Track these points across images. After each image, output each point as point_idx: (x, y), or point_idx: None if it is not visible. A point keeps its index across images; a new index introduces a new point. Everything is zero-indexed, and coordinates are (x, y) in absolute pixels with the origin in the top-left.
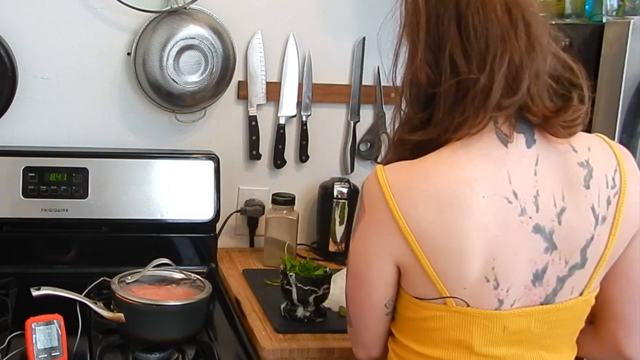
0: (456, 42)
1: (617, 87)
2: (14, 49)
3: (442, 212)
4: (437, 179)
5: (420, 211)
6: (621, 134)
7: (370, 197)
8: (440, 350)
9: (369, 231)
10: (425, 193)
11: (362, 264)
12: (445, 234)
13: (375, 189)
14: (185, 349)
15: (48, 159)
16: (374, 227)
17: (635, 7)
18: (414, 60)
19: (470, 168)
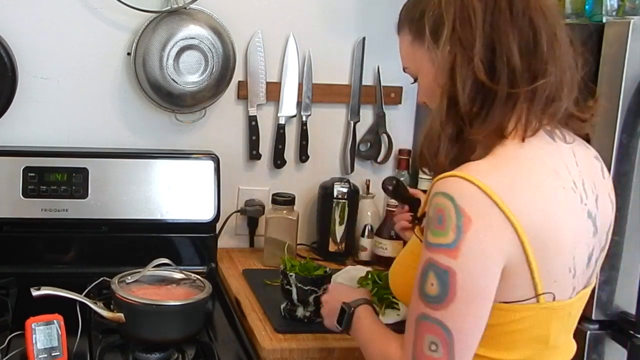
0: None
1: (617, 87)
2: (14, 49)
3: (544, 206)
4: (532, 174)
5: (529, 207)
6: (621, 134)
7: (475, 205)
8: (518, 352)
9: (484, 238)
10: (528, 189)
11: (480, 277)
12: (548, 227)
13: (478, 194)
14: (185, 349)
15: (48, 159)
16: (488, 233)
17: (635, 7)
18: (470, 60)
19: (548, 161)
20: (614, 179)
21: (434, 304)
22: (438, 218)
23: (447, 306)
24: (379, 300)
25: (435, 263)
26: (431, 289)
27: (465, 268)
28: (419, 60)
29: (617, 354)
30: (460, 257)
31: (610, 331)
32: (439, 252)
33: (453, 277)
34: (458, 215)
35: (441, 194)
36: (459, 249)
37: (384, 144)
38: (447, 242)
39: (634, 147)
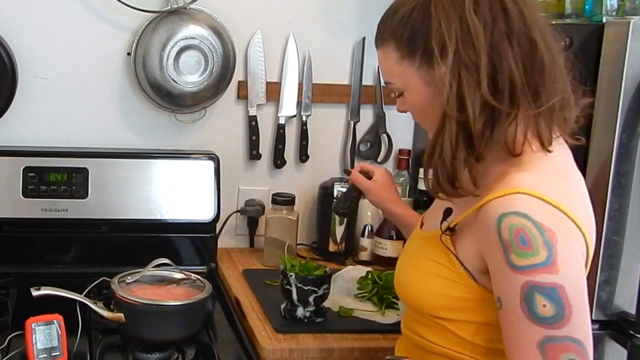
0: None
1: (617, 87)
2: (14, 49)
3: (589, 211)
4: (572, 182)
5: (583, 215)
6: (621, 134)
7: (550, 217)
8: None
9: (571, 246)
10: (577, 197)
11: (581, 282)
12: (592, 226)
13: (547, 207)
14: (185, 349)
15: (48, 159)
16: (572, 241)
17: (635, 7)
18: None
19: (572, 164)
20: (614, 179)
21: (556, 323)
22: (520, 239)
23: (569, 320)
24: (379, 300)
25: (537, 284)
26: (545, 310)
27: (569, 279)
28: (407, 78)
29: (617, 354)
30: (561, 271)
31: (610, 331)
32: (536, 272)
33: (563, 292)
34: (540, 230)
35: (512, 214)
36: (556, 263)
37: (384, 144)
38: (543, 260)
39: (634, 147)
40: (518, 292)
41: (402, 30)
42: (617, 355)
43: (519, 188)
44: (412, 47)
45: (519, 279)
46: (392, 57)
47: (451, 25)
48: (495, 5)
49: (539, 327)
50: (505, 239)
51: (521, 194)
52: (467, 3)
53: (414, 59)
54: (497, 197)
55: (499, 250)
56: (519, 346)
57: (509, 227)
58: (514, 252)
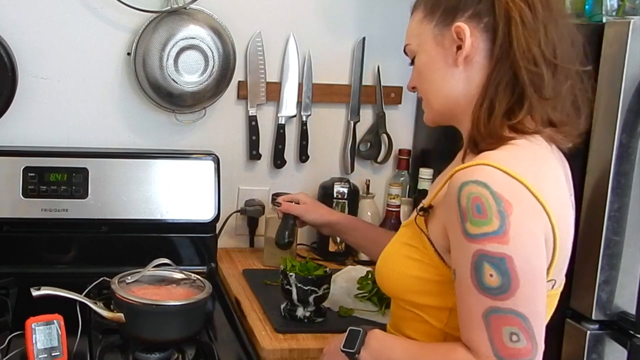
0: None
1: (617, 87)
2: (14, 49)
3: (561, 195)
4: (547, 165)
5: (552, 196)
6: (621, 134)
7: (511, 191)
8: None
9: (527, 220)
10: (548, 179)
11: (534, 257)
12: (565, 216)
13: (510, 181)
14: (185, 349)
15: (48, 159)
16: (529, 215)
17: (635, 7)
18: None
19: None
20: (614, 179)
21: (501, 295)
22: (476, 207)
23: (515, 293)
24: (379, 301)
25: (487, 253)
26: (491, 280)
27: (520, 251)
28: (422, 38)
29: (617, 354)
30: (511, 241)
31: (610, 331)
32: (487, 241)
33: (511, 263)
34: (497, 200)
35: (473, 182)
36: (507, 233)
37: (384, 144)
38: (494, 229)
39: (634, 147)
40: (469, 261)
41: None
42: (617, 355)
43: (486, 160)
44: (436, 5)
45: (471, 247)
46: (417, 16)
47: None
48: None
49: (485, 297)
50: (463, 207)
51: (486, 166)
52: None
53: (434, 17)
54: (463, 169)
55: (457, 219)
56: (467, 316)
57: (467, 195)
58: (469, 221)
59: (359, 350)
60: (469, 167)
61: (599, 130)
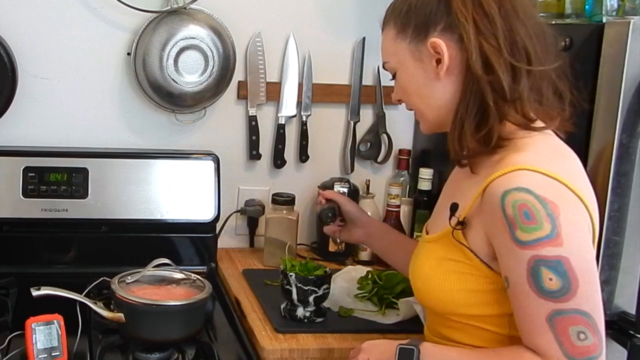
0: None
1: (617, 87)
2: (14, 49)
3: (590, 189)
4: (575, 163)
5: (587, 193)
6: (621, 134)
7: (554, 191)
8: None
9: (574, 217)
10: (581, 176)
11: (588, 253)
12: (595, 208)
13: (551, 182)
14: (185, 349)
15: (48, 159)
16: (575, 212)
17: (635, 7)
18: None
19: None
20: (614, 179)
21: (563, 297)
22: (524, 214)
23: (576, 292)
24: (379, 300)
25: (543, 258)
26: (551, 283)
27: (574, 250)
28: (400, 55)
29: (617, 354)
30: (565, 242)
31: (610, 331)
32: (541, 246)
33: (568, 264)
34: (543, 204)
35: (515, 190)
36: (560, 235)
37: (384, 144)
38: (547, 234)
39: (634, 147)
40: (525, 268)
41: (400, 6)
42: (617, 355)
43: (519, 165)
44: (406, 23)
45: (525, 254)
46: (390, 34)
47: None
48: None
49: (547, 301)
50: (510, 215)
51: (522, 170)
52: None
53: (406, 34)
54: (499, 177)
55: (505, 228)
56: (529, 322)
57: (512, 203)
58: (519, 228)
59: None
60: (505, 175)
61: (599, 130)
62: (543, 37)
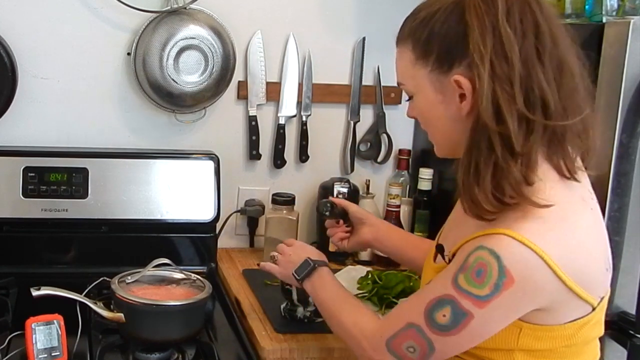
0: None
1: (617, 87)
2: (14, 49)
3: (584, 249)
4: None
5: (572, 257)
6: (621, 134)
7: (523, 267)
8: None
9: (521, 298)
10: (572, 241)
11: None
12: (586, 259)
13: (527, 256)
14: (185, 349)
15: (48, 159)
16: (527, 293)
17: (635, 7)
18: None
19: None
20: (614, 179)
21: (436, 329)
22: (477, 271)
23: (446, 336)
24: (379, 300)
25: (458, 304)
26: (442, 318)
27: (486, 318)
28: (418, 80)
29: (617, 354)
30: (487, 309)
31: (610, 331)
32: (466, 297)
33: (468, 320)
34: (500, 274)
35: (487, 250)
36: (489, 302)
37: (384, 144)
38: (479, 295)
39: (634, 147)
40: (437, 294)
41: (421, 31)
42: (617, 355)
43: (511, 231)
44: (428, 50)
45: (449, 289)
46: (407, 57)
47: (485, 34)
48: (526, 18)
49: (422, 317)
50: (468, 263)
51: (508, 237)
52: (500, 12)
53: (428, 61)
54: (489, 234)
55: (457, 265)
56: (398, 312)
57: (476, 258)
58: (464, 276)
59: (303, 279)
60: (494, 235)
61: (599, 130)
62: (571, 80)
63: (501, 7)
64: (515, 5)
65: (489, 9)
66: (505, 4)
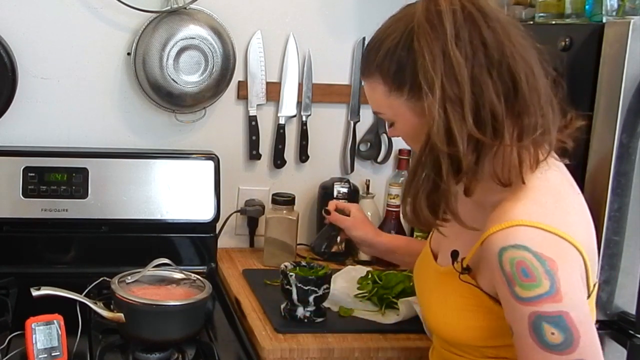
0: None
1: (617, 87)
2: (14, 49)
3: (585, 221)
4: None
5: (580, 230)
6: (621, 134)
7: (551, 246)
8: None
9: (571, 270)
10: (573, 214)
11: (584, 304)
12: (590, 235)
13: (548, 237)
14: (185, 349)
15: (48, 159)
16: (571, 265)
17: (635, 7)
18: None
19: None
20: (614, 179)
21: (567, 349)
22: (522, 271)
23: (579, 344)
24: (379, 300)
25: (543, 314)
26: (553, 338)
27: (574, 304)
28: (396, 109)
29: (617, 354)
30: (565, 297)
31: (610, 331)
32: (541, 302)
33: (569, 318)
34: (541, 260)
35: (512, 247)
36: (560, 290)
37: (384, 144)
38: (546, 290)
39: (634, 147)
40: (526, 322)
41: (388, 64)
42: (617, 355)
43: (516, 220)
44: (400, 81)
45: (525, 310)
46: (379, 89)
47: (435, 60)
48: (475, 38)
49: (551, 354)
50: (508, 272)
51: (519, 226)
52: (448, 37)
53: (402, 92)
54: (496, 232)
55: (504, 283)
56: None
57: (510, 261)
58: (518, 285)
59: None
60: (502, 231)
61: (599, 130)
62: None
63: (449, 31)
64: (463, 28)
65: (438, 35)
66: (454, 27)
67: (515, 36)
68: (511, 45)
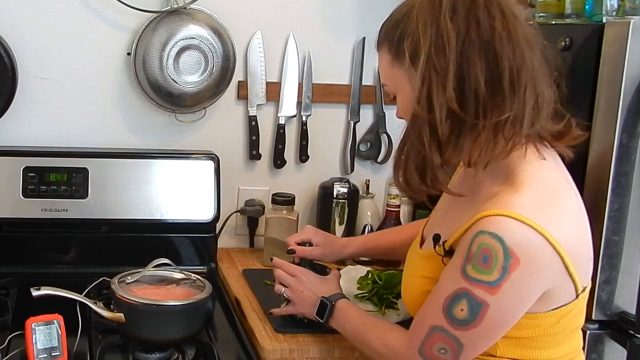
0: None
1: (617, 87)
2: (14, 49)
3: (577, 223)
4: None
5: (568, 232)
6: (621, 134)
7: (526, 245)
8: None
9: (529, 277)
10: (566, 214)
11: (511, 311)
12: (580, 237)
13: (529, 235)
14: (185, 349)
15: (48, 159)
16: (533, 272)
17: (635, 7)
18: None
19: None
20: (614, 179)
21: (458, 325)
22: (483, 257)
23: (469, 330)
24: (379, 300)
25: (471, 294)
26: (460, 313)
27: (501, 303)
28: (398, 80)
29: (617, 354)
30: (499, 294)
31: (610, 331)
32: (478, 286)
33: (485, 310)
34: (506, 256)
35: (488, 234)
36: (500, 287)
37: (384, 144)
38: (490, 280)
39: (634, 147)
40: (452, 289)
41: (393, 33)
42: (617, 355)
43: (507, 210)
44: (401, 50)
45: (460, 282)
46: (385, 59)
47: (427, 30)
48: (470, 15)
49: (443, 318)
50: (472, 252)
51: (507, 217)
52: (444, 9)
53: (403, 62)
54: (486, 217)
55: (462, 257)
56: (420, 318)
57: (480, 244)
58: (472, 265)
59: (327, 321)
60: (491, 217)
61: (599, 130)
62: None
63: (446, 4)
64: (461, 4)
65: (435, 7)
66: (452, 1)
67: (515, 29)
68: (504, 33)
